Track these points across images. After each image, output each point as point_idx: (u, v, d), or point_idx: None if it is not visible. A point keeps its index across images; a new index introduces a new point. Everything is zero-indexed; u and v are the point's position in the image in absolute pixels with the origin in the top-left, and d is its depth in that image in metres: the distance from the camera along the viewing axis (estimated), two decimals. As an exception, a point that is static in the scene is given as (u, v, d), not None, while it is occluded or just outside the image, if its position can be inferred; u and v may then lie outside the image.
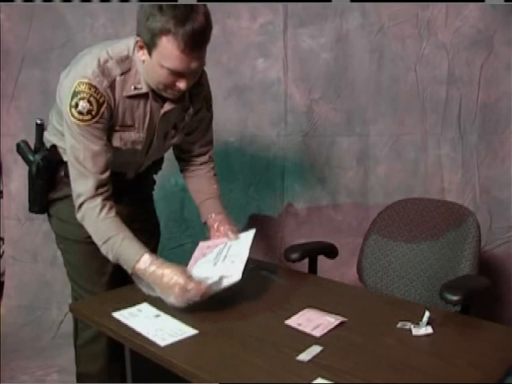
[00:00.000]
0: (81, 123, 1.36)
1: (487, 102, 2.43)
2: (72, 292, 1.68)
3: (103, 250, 1.41)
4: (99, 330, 1.44)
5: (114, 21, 2.46)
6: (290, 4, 2.43)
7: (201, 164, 1.71)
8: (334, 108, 2.50)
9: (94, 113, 1.36)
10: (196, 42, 1.27)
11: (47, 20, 2.48)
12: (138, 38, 1.32)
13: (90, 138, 1.38)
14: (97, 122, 1.37)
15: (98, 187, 1.40)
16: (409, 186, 2.51)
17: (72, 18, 2.48)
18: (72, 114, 1.36)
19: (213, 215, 1.62)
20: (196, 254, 1.56)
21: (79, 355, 1.71)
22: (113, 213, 1.42)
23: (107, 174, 1.43)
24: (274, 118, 2.53)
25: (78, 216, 1.43)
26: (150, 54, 1.31)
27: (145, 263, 1.35)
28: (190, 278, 1.32)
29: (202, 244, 1.59)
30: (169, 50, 1.26)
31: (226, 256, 1.47)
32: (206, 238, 1.65)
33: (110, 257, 1.40)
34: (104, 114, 1.38)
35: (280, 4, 2.44)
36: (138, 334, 1.25)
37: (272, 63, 2.49)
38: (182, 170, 1.75)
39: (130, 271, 1.38)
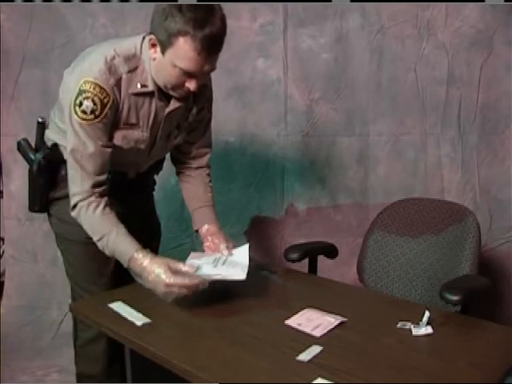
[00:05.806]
0: (83, 122, 1.36)
1: (487, 102, 2.43)
2: (72, 292, 1.68)
3: (99, 245, 1.43)
4: (99, 331, 1.44)
5: (113, 21, 2.45)
6: (289, 4, 2.44)
7: (197, 168, 1.70)
8: (333, 108, 2.50)
9: (97, 113, 1.36)
10: (213, 45, 1.30)
11: (47, 20, 2.48)
12: (152, 36, 1.33)
13: (91, 138, 1.38)
14: (99, 121, 1.37)
15: (94, 187, 1.41)
16: (409, 185, 2.51)
17: (72, 18, 2.47)
18: (75, 113, 1.36)
19: (206, 226, 1.62)
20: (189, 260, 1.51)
21: (79, 356, 1.71)
22: (107, 209, 1.42)
23: (105, 175, 1.44)
24: (274, 118, 2.53)
25: (73, 214, 1.43)
26: (163, 52, 1.32)
27: (136, 259, 1.37)
28: (174, 273, 1.31)
29: (193, 254, 1.56)
30: (185, 51, 1.27)
31: (224, 262, 1.47)
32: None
33: (107, 252, 1.42)
34: (107, 115, 1.37)
35: (280, 4, 2.44)
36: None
37: (272, 63, 2.49)
38: (178, 173, 1.74)
39: (125, 265, 1.41)
